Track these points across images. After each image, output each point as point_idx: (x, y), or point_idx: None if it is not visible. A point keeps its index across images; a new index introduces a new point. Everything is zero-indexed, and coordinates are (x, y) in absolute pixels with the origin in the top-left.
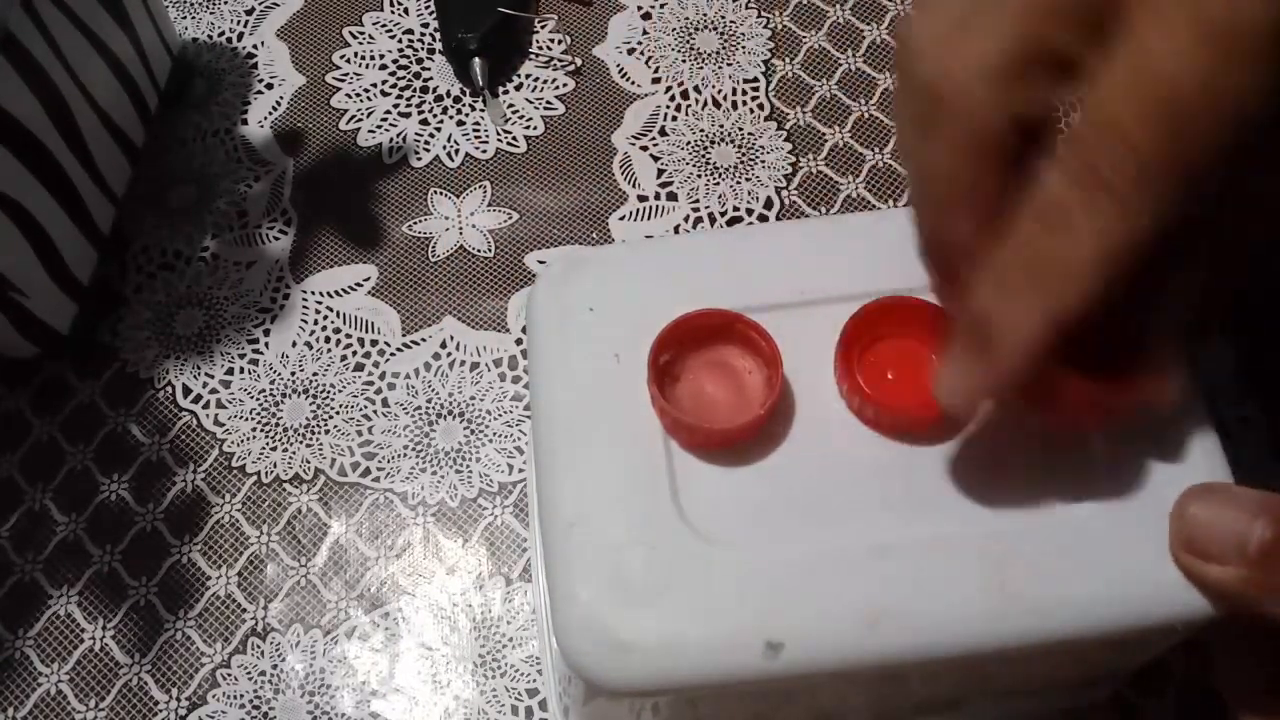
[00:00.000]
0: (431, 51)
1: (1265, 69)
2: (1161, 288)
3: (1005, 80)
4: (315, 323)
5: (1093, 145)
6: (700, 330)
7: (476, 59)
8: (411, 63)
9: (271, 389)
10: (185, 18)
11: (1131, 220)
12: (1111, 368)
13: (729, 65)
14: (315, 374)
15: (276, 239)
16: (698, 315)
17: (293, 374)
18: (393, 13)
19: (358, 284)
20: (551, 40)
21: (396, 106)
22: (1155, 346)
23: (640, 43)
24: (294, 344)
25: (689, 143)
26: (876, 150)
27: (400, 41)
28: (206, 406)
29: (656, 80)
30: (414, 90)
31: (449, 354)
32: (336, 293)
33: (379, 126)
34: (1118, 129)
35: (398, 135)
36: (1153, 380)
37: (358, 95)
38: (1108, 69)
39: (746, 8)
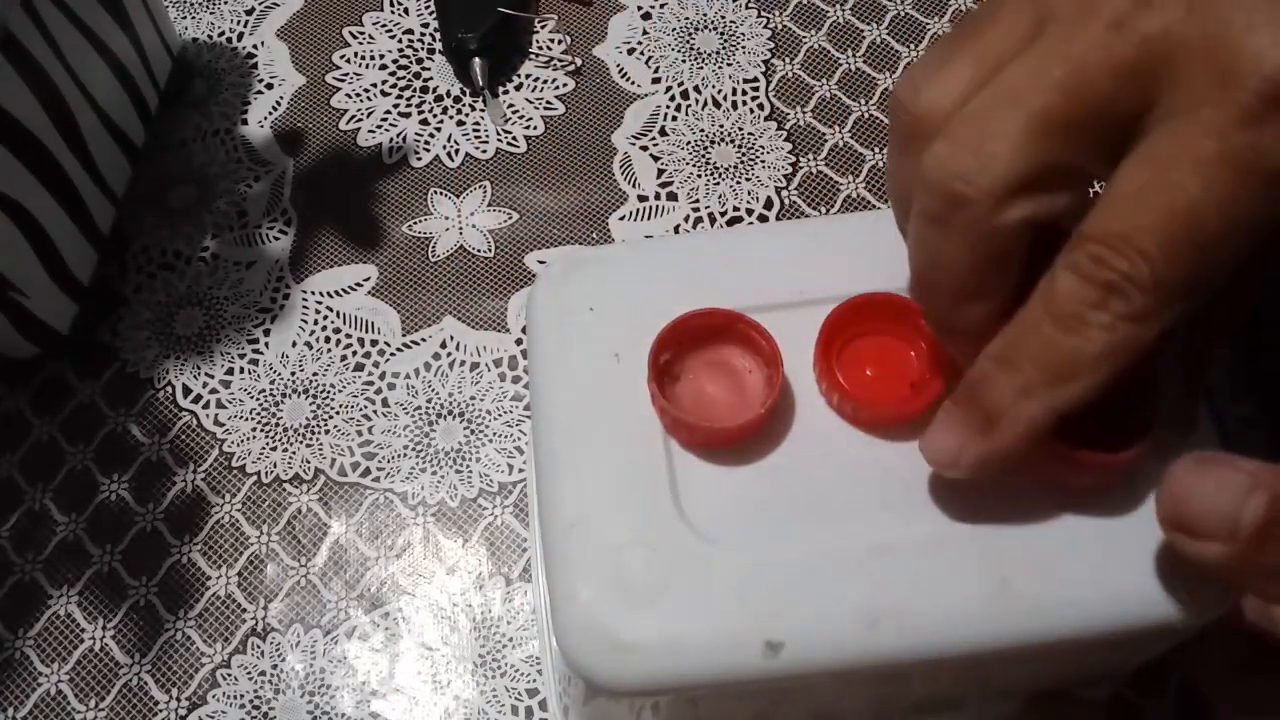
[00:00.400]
0: (431, 51)
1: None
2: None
3: (1024, 190)
4: (315, 323)
5: (1109, 253)
6: (700, 330)
7: (476, 59)
8: (411, 63)
9: (271, 389)
10: (185, 18)
11: (1142, 325)
12: (1121, 411)
13: (729, 65)
14: (315, 374)
15: (276, 239)
16: (698, 315)
17: (293, 374)
18: (393, 13)
19: (358, 284)
20: (551, 40)
21: (396, 106)
22: (1173, 373)
23: (640, 43)
24: (294, 344)
25: (689, 143)
26: (876, 150)
27: (400, 41)
28: (206, 406)
29: (656, 80)
30: (414, 90)
31: (449, 354)
32: (336, 293)
33: (379, 126)
34: (1134, 243)
35: (398, 135)
36: (1170, 408)
37: (358, 95)
38: (1126, 179)
39: (746, 8)
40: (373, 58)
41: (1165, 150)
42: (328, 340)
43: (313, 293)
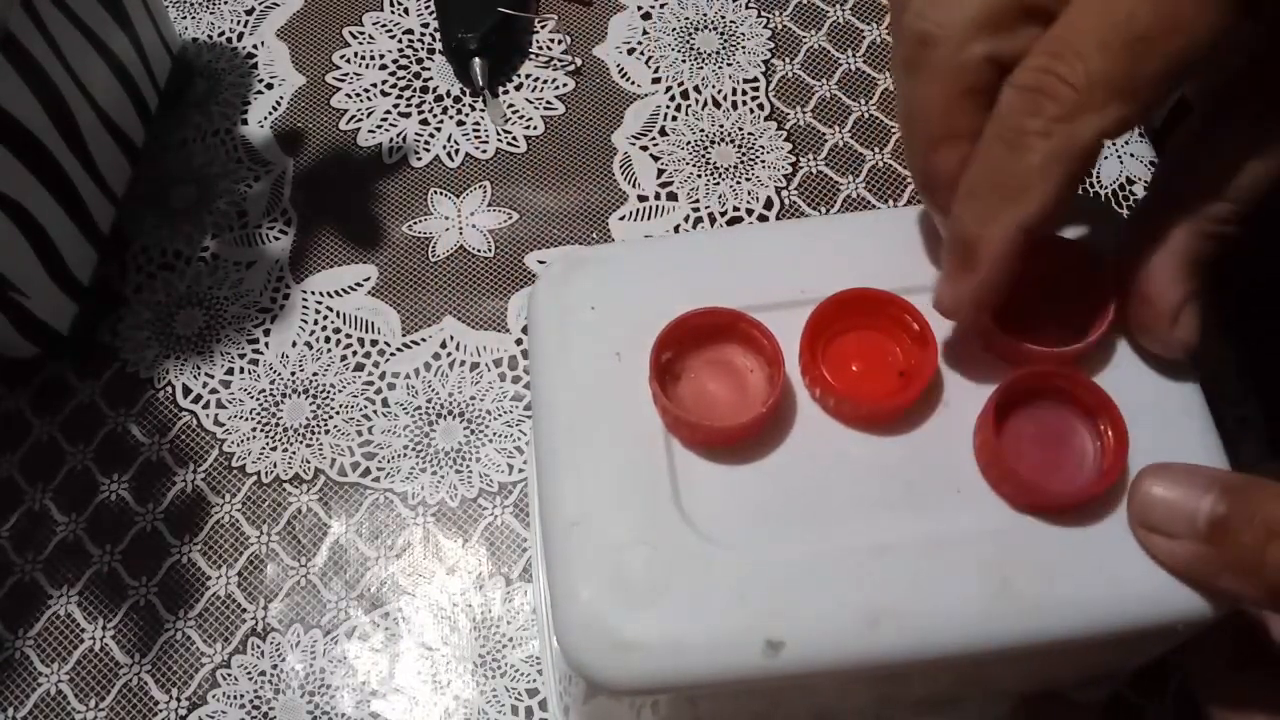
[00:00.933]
0: (431, 51)
1: (1220, 7)
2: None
3: (985, 26)
4: (315, 323)
5: (1045, 62)
6: (702, 329)
7: (476, 59)
8: (411, 63)
9: (271, 389)
10: (185, 18)
11: (1077, 124)
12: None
13: (729, 65)
14: (315, 374)
15: (276, 239)
16: (699, 314)
17: (293, 374)
18: (393, 13)
19: (358, 284)
20: (551, 40)
21: (396, 106)
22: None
23: (640, 43)
24: (294, 344)
25: (689, 143)
26: (876, 150)
27: (400, 41)
28: (206, 406)
29: (656, 80)
30: (414, 90)
31: (449, 354)
32: (336, 293)
33: (379, 126)
34: (1071, 48)
35: (398, 135)
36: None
37: (358, 95)
38: (1071, 5)
39: (746, 8)
40: (373, 58)
41: None
42: (328, 340)
43: (313, 293)
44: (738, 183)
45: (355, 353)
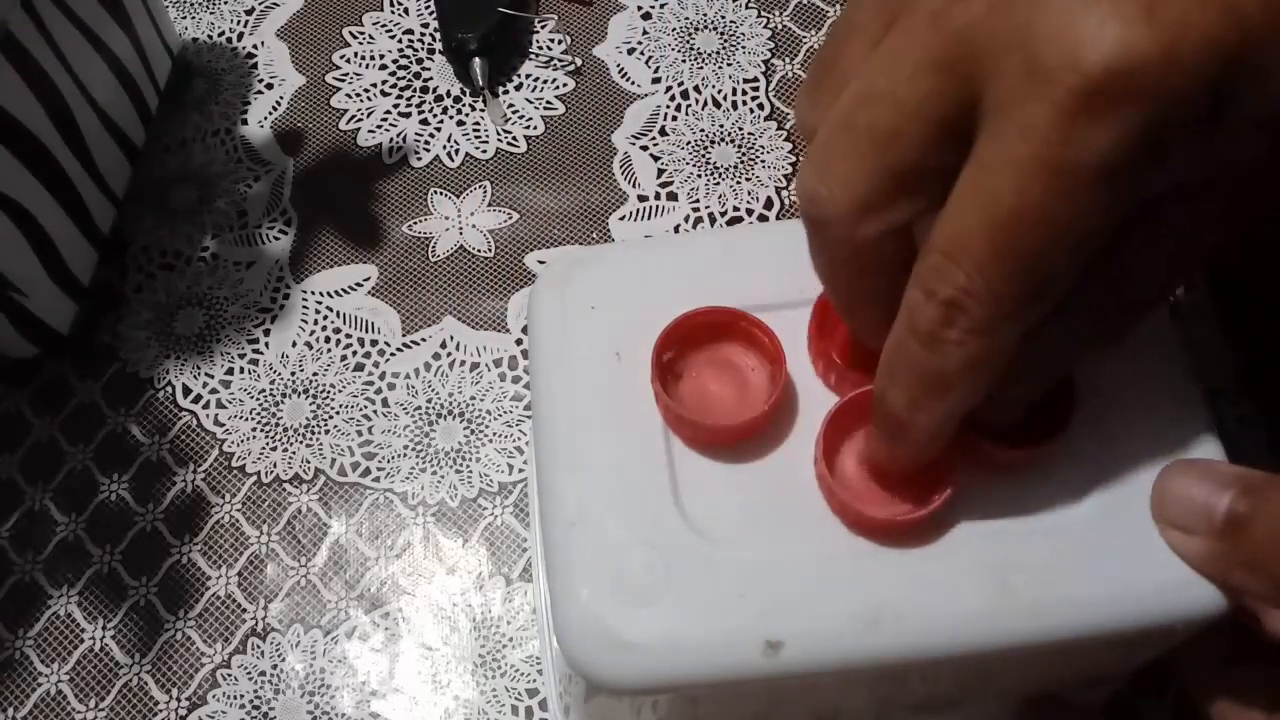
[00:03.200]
0: (431, 51)
1: (1101, 197)
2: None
3: (872, 207)
4: (315, 323)
5: (946, 267)
6: (703, 328)
7: (476, 59)
8: (411, 63)
9: (271, 389)
10: (185, 18)
11: (991, 335)
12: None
13: (729, 65)
14: (315, 374)
15: (276, 239)
16: (701, 313)
17: (293, 374)
18: (393, 13)
19: (358, 284)
20: (551, 40)
21: (396, 106)
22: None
23: (640, 43)
24: (294, 344)
25: (689, 143)
26: None
27: (400, 41)
28: (206, 406)
29: (656, 80)
30: (414, 90)
31: (449, 354)
32: (336, 293)
33: (379, 126)
34: (967, 254)
35: (398, 135)
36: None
37: (358, 95)
38: (960, 183)
39: (746, 8)
40: (373, 58)
41: (986, 152)
42: (328, 340)
43: (313, 293)
44: (738, 183)
45: (355, 353)
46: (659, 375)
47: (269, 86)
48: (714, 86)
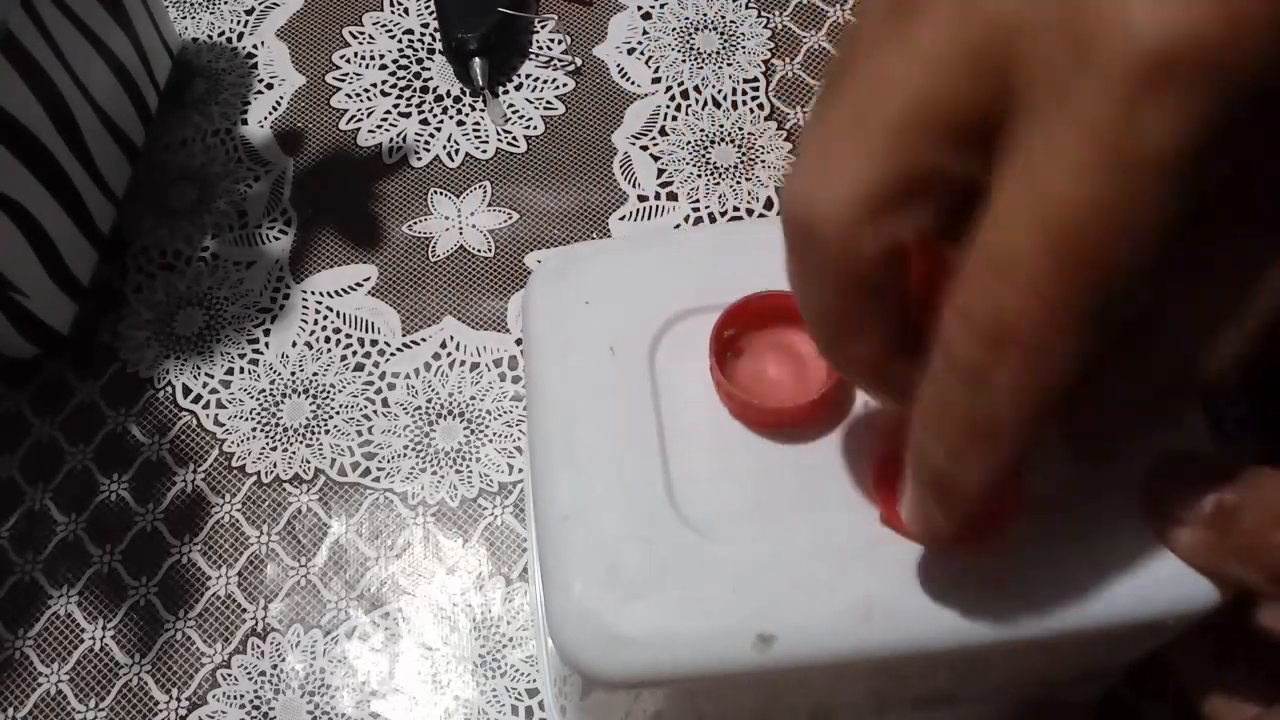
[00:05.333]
0: (431, 51)
1: (1173, 191)
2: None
3: (876, 211)
4: (315, 323)
5: (992, 285)
6: (765, 312)
7: (476, 59)
8: (411, 63)
9: (271, 389)
10: (185, 18)
11: (1049, 366)
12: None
13: (729, 65)
14: (315, 374)
15: (276, 239)
16: (765, 297)
17: (293, 374)
18: (393, 13)
19: (358, 284)
20: (551, 40)
21: (396, 106)
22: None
23: (640, 43)
24: (294, 344)
25: (689, 143)
26: None
27: (400, 41)
28: (206, 406)
29: (656, 80)
30: (414, 90)
31: (449, 354)
32: (336, 293)
33: (379, 126)
34: (1018, 270)
35: (398, 135)
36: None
37: (358, 95)
38: (1001, 192)
39: (746, 8)
40: (373, 58)
41: (1036, 151)
42: (328, 340)
43: (313, 293)
44: (738, 183)
45: (355, 353)
46: (717, 351)
47: (269, 86)
48: (714, 86)
